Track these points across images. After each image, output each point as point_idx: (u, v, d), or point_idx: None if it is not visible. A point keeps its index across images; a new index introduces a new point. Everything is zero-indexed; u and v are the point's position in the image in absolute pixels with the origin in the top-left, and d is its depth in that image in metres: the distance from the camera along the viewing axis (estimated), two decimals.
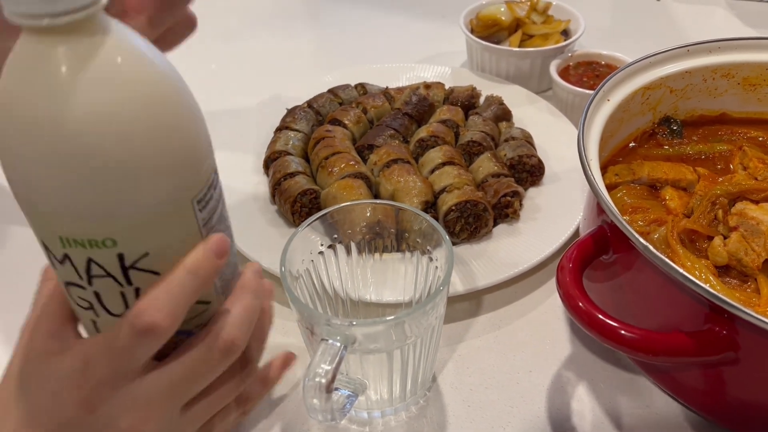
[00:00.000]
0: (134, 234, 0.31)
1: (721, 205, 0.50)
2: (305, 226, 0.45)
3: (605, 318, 0.40)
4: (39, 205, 0.31)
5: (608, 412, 0.49)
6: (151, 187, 0.31)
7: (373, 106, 0.72)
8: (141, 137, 0.29)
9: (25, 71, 0.28)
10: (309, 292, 0.47)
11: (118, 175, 0.29)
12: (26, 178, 0.30)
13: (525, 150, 0.65)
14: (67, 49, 0.28)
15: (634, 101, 0.57)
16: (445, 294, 0.42)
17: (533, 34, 0.81)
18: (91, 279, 0.33)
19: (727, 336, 0.39)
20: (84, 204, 0.30)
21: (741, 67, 0.59)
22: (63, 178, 0.29)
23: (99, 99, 0.28)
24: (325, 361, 0.37)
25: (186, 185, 0.32)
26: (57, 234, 0.31)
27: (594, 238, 0.46)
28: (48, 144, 0.28)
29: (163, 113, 0.30)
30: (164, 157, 0.30)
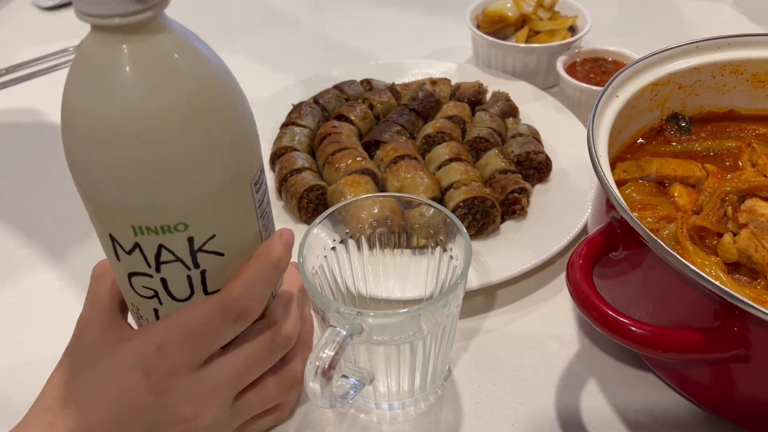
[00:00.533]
0: (204, 217, 0.33)
1: (730, 202, 0.50)
2: (317, 223, 0.45)
3: (616, 314, 0.40)
4: (113, 199, 0.32)
5: (617, 409, 0.48)
6: (219, 171, 0.33)
7: (379, 102, 0.72)
8: (208, 125, 0.32)
9: (95, 70, 0.30)
10: (324, 289, 0.47)
11: (191, 162, 0.32)
12: (99, 176, 0.32)
13: (532, 146, 0.65)
14: (135, 46, 0.30)
15: (642, 97, 0.57)
16: (462, 287, 0.42)
17: (540, 30, 0.81)
18: (160, 266, 0.34)
19: (737, 333, 0.39)
20: (160, 193, 0.32)
21: (750, 63, 0.59)
22: (139, 171, 0.31)
23: (168, 92, 0.30)
24: (328, 347, 0.38)
25: (246, 168, 0.35)
26: (129, 224, 0.33)
27: (604, 234, 0.46)
28: (125, 140, 0.30)
29: (224, 102, 0.33)
30: (229, 141, 0.33)
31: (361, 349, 0.42)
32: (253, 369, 0.39)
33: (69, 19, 1.02)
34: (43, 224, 0.66)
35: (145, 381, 0.35)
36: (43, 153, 0.76)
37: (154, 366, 0.35)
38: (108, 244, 0.35)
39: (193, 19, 1.04)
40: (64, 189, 0.70)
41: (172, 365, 0.35)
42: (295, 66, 0.89)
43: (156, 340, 0.35)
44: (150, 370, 0.35)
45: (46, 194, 0.70)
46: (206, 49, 0.33)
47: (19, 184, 0.72)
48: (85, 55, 0.31)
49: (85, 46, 0.31)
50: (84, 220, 0.52)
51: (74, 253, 0.63)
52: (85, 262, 0.61)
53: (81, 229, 0.64)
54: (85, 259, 0.62)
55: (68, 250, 0.63)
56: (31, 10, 1.05)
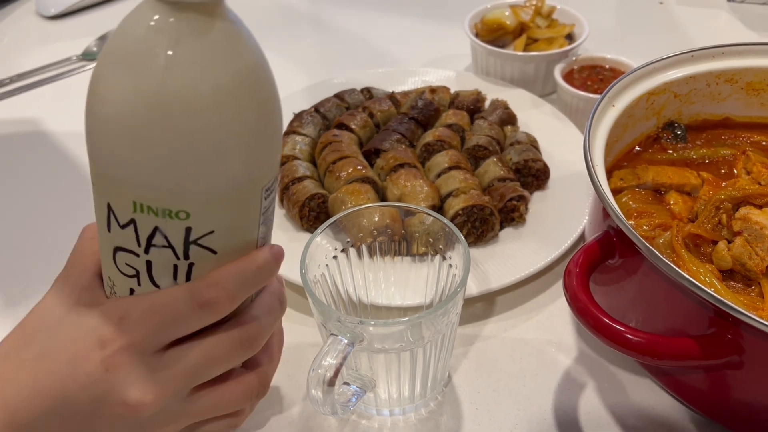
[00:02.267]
0: (208, 210, 0.33)
1: (725, 210, 0.51)
2: (319, 232, 0.46)
3: (612, 322, 0.41)
4: (122, 170, 0.31)
5: (614, 414, 0.49)
6: (239, 168, 0.32)
7: (379, 110, 0.73)
8: (245, 118, 0.31)
9: (144, 42, 0.29)
10: (326, 297, 0.48)
11: (215, 152, 0.31)
12: (116, 144, 0.31)
13: (530, 154, 0.66)
14: (191, 24, 0.29)
15: (638, 106, 0.58)
16: (461, 295, 0.43)
17: (538, 38, 0.82)
18: (150, 248, 0.33)
19: (731, 340, 0.40)
20: (173, 175, 0.31)
21: (744, 72, 0.60)
22: (161, 148, 0.30)
23: (211, 77, 0.30)
24: (330, 356, 0.38)
25: (264, 172, 0.34)
26: (131, 198, 0.32)
27: (600, 243, 0.47)
28: (157, 115, 0.29)
29: (263, 99, 0.32)
30: (255, 139, 0.32)
31: (362, 356, 0.43)
32: (212, 364, 0.36)
33: (72, 28, 1.03)
34: (44, 235, 0.67)
35: (99, 351, 0.34)
36: (46, 163, 0.77)
37: (111, 337, 0.34)
38: (103, 213, 0.34)
39: None
40: (68, 199, 0.71)
41: (129, 341, 0.34)
42: (296, 75, 0.90)
43: (119, 312, 0.34)
44: (105, 341, 0.34)
45: (49, 204, 0.71)
46: (255, 43, 0.33)
47: (22, 193, 0.72)
48: (133, 26, 0.30)
49: (137, 19, 0.30)
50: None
51: None
52: None
53: None
54: None
55: None
56: (35, 18, 1.06)
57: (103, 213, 0.34)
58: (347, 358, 0.39)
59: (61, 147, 0.78)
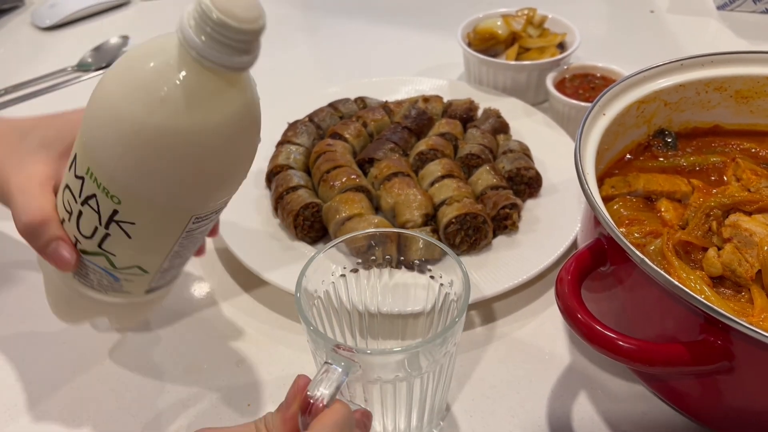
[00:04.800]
0: (134, 207, 0.38)
1: (715, 217, 0.51)
2: (319, 254, 0.45)
3: (603, 329, 0.41)
4: (93, 144, 0.37)
5: (607, 420, 0.50)
6: (167, 193, 0.37)
7: (372, 119, 0.73)
8: (191, 163, 0.36)
9: (157, 77, 0.34)
10: (326, 311, 0.47)
11: (156, 172, 0.36)
12: (98, 133, 0.36)
13: (523, 162, 0.66)
14: (214, 82, 0.34)
15: (629, 115, 0.58)
16: (460, 325, 0.42)
17: (529, 47, 0.83)
18: (84, 203, 0.40)
19: (721, 346, 0.40)
20: (120, 170, 0.36)
21: (733, 80, 0.60)
22: (123, 152, 0.36)
23: (192, 122, 0.35)
24: (323, 385, 0.37)
25: (197, 205, 0.40)
26: (88, 164, 0.38)
27: (591, 250, 0.47)
28: (132, 135, 0.35)
29: (224, 156, 0.37)
30: (197, 182, 0.38)
31: (357, 387, 0.43)
32: None
33: (67, 39, 1.03)
34: None
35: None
36: None
37: None
38: (72, 156, 0.40)
39: None
40: None
41: None
42: (290, 84, 0.91)
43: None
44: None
45: None
46: (256, 98, 0.38)
47: None
48: (156, 59, 0.34)
49: (162, 56, 0.34)
50: None
51: None
52: None
53: None
54: None
55: None
56: (30, 30, 1.06)
57: (72, 156, 0.40)
58: (341, 388, 0.38)
59: None
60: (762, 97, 0.61)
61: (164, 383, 0.53)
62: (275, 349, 0.56)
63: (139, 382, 0.53)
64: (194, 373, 0.54)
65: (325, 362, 0.39)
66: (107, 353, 0.55)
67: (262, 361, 0.55)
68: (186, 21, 0.33)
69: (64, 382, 0.53)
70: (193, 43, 0.33)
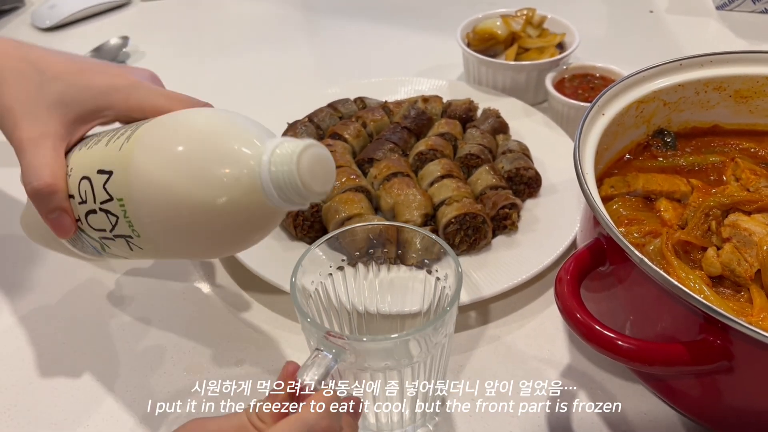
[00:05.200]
0: (150, 248, 0.42)
1: (714, 217, 0.51)
2: (314, 247, 0.46)
3: (602, 329, 0.41)
4: (139, 201, 0.39)
5: (607, 420, 0.50)
6: (192, 255, 0.48)
7: (372, 119, 0.73)
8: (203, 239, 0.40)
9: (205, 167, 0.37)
10: (318, 308, 0.47)
11: (194, 245, 0.40)
12: (150, 193, 0.39)
13: (522, 162, 0.66)
14: (268, 208, 0.38)
15: (628, 115, 0.58)
16: (451, 314, 0.42)
17: (529, 47, 0.83)
18: (103, 211, 0.41)
19: (721, 345, 0.40)
20: (160, 231, 0.39)
21: (732, 80, 0.60)
22: (173, 224, 0.39)
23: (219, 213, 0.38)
24: (312, 370, 0.38)
25: (200, 256, 0.49)
26: (123, 198, 0.40)
27: (591, 250, 0.47)
28: (166, 197, 0.38)
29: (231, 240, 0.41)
30: (219, 251, 0.48)
31: (349, 376, 0.43)
32: None
33: (67, 40, 1.04)
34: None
35: None
36: None
37: None
38: (106, 169, 0.41)
39: (190, 37, 1.06)
40: None
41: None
42: (290, 85, 0.91)
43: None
44: None
45: None
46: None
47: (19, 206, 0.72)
48: (202, 143, 0.38)
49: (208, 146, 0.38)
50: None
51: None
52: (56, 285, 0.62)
53: None
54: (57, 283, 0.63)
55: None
56: (30, 30, 1.06)
57: (105, 167, 0.41)
58: (330, 374, 0.38)
59: None
60: (761, 97, 0.61)
61: (164, 383, 0.53)
62: (275, 350, 0.56)
63: (139, 382, 0.53)
64: (194, 372, 0.54)
65: (316, 349, 0.39)
66: (108, 351, 0.56)
67: (262, 361, 0.55)
68: (267, 165, 0.36)
69: (63, 380, 0.53)
70: (268, 189, 0.36)
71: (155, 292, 0.61)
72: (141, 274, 0.63)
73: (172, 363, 0.55)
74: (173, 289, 0.61)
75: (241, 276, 0.62)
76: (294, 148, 0.36)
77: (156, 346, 0.56)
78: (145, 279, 0.62)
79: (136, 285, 0.62)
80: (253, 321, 0.58)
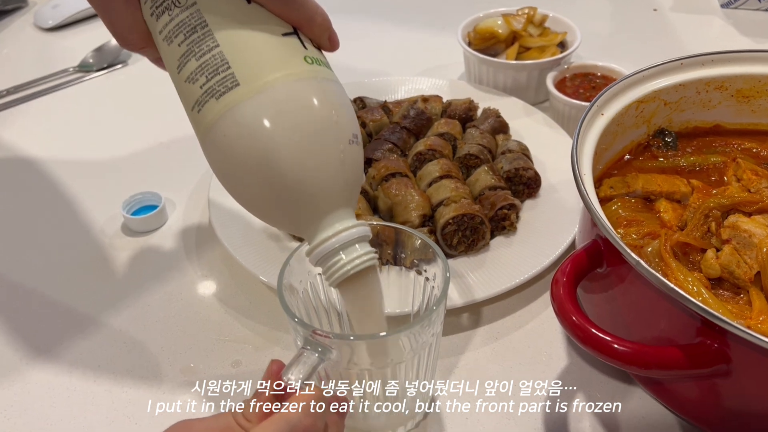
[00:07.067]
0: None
1: (714, 218, 0.51)
2: (305, 245, 0.45)
3: (598, 332, 0.41)
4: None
5: (604, 423, 0.49)
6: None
7: (371, 119, 0.73)
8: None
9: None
10: (308, 307, 0.47)
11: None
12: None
13: (521, 163, 0.66)
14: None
15: (628, 114, 0.58)
16: (440, 312, 0.42)
17: (530, 46, 0.82)
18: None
19: (718, 349, 0.40)
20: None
21: (734, 79, 0.60)
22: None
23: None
24: (297, 369, 0.37)
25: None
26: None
27: (588, 251, 0.47)
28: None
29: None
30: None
31: (335, 375, 0.42)
32: None
33: (70, 40, 1.04)
34: (41, 241, 0.67)
35: None
36: (46, 173, 0.77)
37: None
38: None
39: None
40: (63, 202, 0.71)
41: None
42: None
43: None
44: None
45: (49, 213, 0.71)
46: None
47: (21, 201, 0.73)
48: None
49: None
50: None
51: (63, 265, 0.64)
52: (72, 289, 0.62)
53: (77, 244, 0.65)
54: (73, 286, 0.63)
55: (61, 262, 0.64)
56: (33, 30, 1.07)
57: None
58: (316, 373, 0.38)
59: (61, 157, 0.79)
60: (763, 97, 0.60)
61: (160, 383, 0.53)
62: (272, 351, 0.55)
63: (134, 383, 0.53)
64: (190, 373, 0.54)
65: (302, 347, 0.39)
66: (104, 351, 0.56)
67: (259, 362, 0.54)
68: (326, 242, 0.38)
69: (60, 382, 0.53)
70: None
71: (151, 291, 0.61)
72: (136, 274, 0.63)
73: (168, 363, 0.55)
74: (169, 290, 0.61)
75: (239, 277, 0.62)
76: (350, 268, 0.38)
77: (150, 347, 0.56)
78: (141, 279, 0.62)
79: (132, 285, 0.62)
80: (250, 321, 0.58)
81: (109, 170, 0.76)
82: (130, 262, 0.64)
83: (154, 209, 0.67)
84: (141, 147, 0.79)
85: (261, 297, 0.60)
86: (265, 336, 0.57)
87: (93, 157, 0.78)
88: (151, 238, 0.67)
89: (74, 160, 0.78)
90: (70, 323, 0.58)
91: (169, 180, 0.73)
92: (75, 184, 0.74)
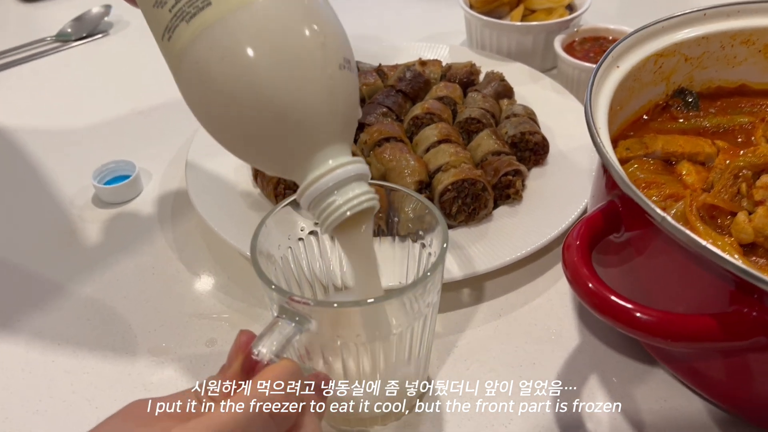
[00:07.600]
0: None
1: (744, 179, 0.45)
2: (282, 205, 0.40)
3: (618, 299, 0.35)
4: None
5: (622, 408, 0.44)
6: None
7: (364, 83, 0.68)
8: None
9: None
10: (288, 276, 0.42)
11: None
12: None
13: (528, 127, 0.61)
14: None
15: (645, 69, 0.52)
16: (436, 279, 0.37)
17: (536, 8, 0.77)
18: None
19: (757, 318, 0.34)
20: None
21: (762, 32, 0.54)
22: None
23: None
24: (270, 340, 0.32)
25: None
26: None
27: (604, 213, 0.41)
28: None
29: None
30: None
31: (315, 349, 0.37)
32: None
33: (48, 9, 1.00)
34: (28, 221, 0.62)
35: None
36: (19, 143, 0.72)
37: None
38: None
39: None
40: (47, 178, 0.66)
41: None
42: None
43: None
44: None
45: (17, 183, 0.66)
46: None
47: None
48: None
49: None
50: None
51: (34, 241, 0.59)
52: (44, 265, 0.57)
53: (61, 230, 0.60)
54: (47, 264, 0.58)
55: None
56: (13, 2, 1.02)
57: None
58: (291, 345, 0.33)
59: (32, 127, 0.74)
60: None
61: (126, 364, 0.48)
62: (250, 329, 0.50)
63: (97, 363, 0.48)
64: (160, 354, 0.48)
65: (276, 317, 0.33)
66: (65, 330, 0.50)
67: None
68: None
69: (15, 359, 0.48)
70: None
71: (120, 264, 0.56)
72: (105, 246, 0.58)
73: (137, 342, 0.49)
74: (140, 263, 0.56)
75: (217, 249, 0.56)
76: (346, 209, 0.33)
77: (116, 325, 0.51)
78: (109, 251, 0.57)
79: (99, 257, 0.56)
80: (227, 298, 0.53)
81: (85, 140, 0.72)
82: (99, 234, 0.59)
83: (127, 179, 0.62)
84: (119, 117, 0.75)
85: (240, 271, 0.55)
86: (243, 312, 0.52)
87: (68, 127, 0.74)
88: (124, 209, 0.61)
89: (48, 130, 0.74)
90: (30, 295, 0.53)
91: (146, 150, 0.68)
92: (47, 154, 0.70)
